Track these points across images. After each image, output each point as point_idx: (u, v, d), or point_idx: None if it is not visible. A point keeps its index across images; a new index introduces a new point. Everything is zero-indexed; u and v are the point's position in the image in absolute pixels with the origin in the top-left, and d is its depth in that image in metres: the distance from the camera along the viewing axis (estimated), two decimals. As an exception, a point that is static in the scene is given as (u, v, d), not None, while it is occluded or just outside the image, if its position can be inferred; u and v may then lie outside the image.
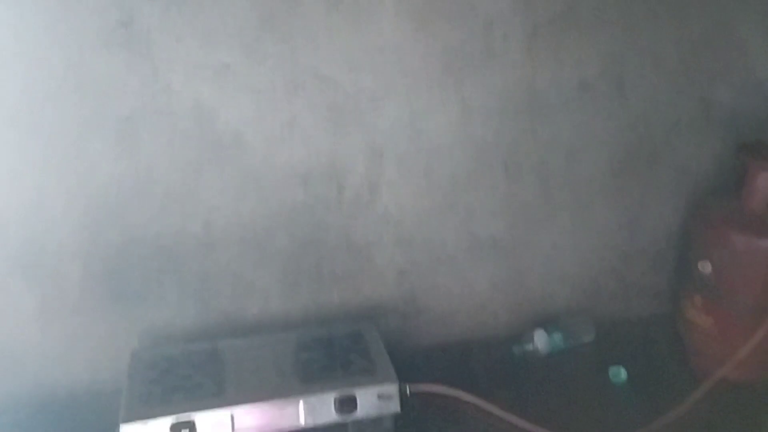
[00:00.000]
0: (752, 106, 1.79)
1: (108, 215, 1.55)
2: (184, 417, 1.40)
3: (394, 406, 1.50)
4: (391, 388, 1.50)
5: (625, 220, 1.87)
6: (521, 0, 1.58)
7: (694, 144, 1.80)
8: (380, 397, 1.49)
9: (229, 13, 1.46)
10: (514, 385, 1.71)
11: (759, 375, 1.69)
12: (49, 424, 1.57)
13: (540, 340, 1.82)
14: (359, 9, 1.52)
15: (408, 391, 1.53)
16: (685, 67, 1.72)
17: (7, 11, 1.36)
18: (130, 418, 1.38)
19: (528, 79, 1.63)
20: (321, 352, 1.60)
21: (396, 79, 1.58)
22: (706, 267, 1.66)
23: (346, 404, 1.47)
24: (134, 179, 1.54)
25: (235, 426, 1.43)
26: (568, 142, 1.74)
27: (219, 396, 1.46)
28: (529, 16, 1.59)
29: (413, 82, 1.59)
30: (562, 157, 1.76)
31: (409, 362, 1.70)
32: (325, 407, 1.47)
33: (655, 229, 1.89)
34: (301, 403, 1.45)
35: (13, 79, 1.41)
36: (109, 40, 1.42)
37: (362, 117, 1.60)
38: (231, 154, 1.56)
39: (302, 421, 1.46)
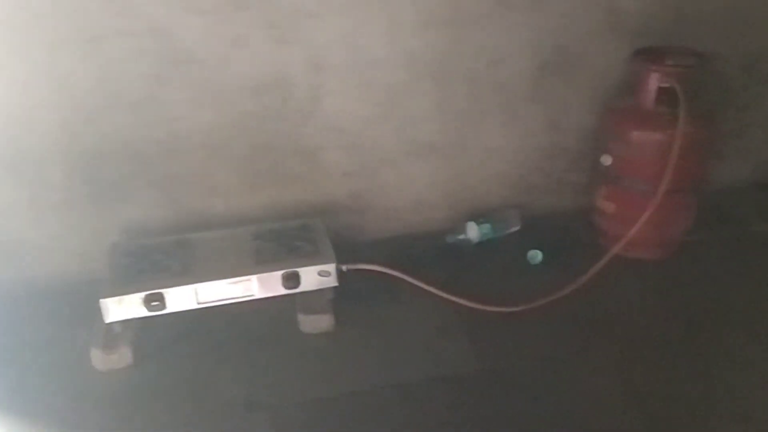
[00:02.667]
0: (657, 14, 1.96)
1: (83, 124, 1.78)
2: (155, 291, 1.68)
3: (333, 281, 1.78)
4: (330, 267, 1.77)
5: (548, 121, 2.08)
6: None
7: (606, 50, 1.99)
8: (320, 273, 1.77)
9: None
10: (443, 267, 1.98)
11: (651, 252, 1.96)
12: (44, 308, 1.85)
13: (471, 231, 2.08)
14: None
15: (344, 269, 1.80)
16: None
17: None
18: (109, 294, 1.67)
19: (447, -7, 1.83)
20: (274, 241, 1.86)
21: (330, -2, 1.78)
22: (607, 160, 1.89)
23: (291, 279, 1.75)
24: (103, 92, 1.76)
25: (199, 298, 1.71)
26: (491, 51, 1.94)
27: (185, 275, 1.73)
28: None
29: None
30: (487, 65, 1.96)
31: (356, 251, 1.97)
32: (273, 282, 1.75)
33: (575, 130, 2.10)
34: (254, 278, 1.73)
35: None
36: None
37: (301, 33, 1.80)
38: (187, 69, 1.78)
39: (255, 293, 1.75)
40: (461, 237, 2.07)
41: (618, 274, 1.87)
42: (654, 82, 1.78)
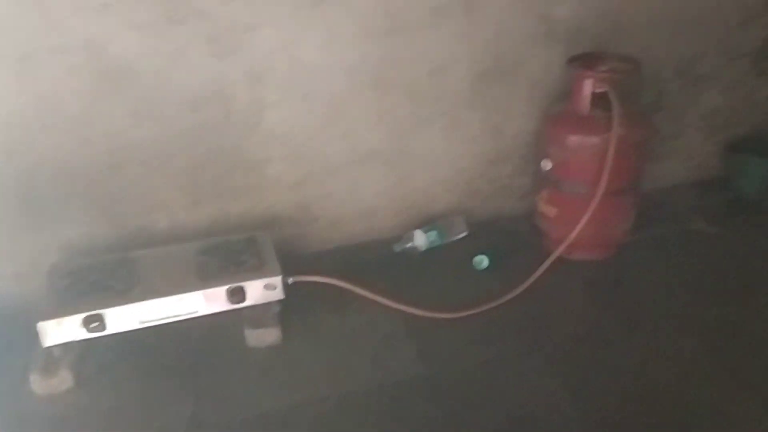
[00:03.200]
0: (591, 21, 2.01)
1: (17, 144, 1.74)
2: (94, 312, 1.64)
3: (279, 294, 1.77)
4: (275, 280, 1.76)
5: (490, 128, 2.11)
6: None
7: (543, 57, 2.04)
8: (266, 287, 1.76)
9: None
10: (391, 276, 1.98)
11: (593, 253, 2.00)
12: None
13: (418, 238, 2.09)
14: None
15: (290, 281, 1.80)
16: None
17: None
18: (47, 317, 1.62)
19: (383, 5, 1.84)
20: (218, 256, 1.84)
21: (267, 10, 1.77)
22: (547, 164, 1.93)
23: (237, 294, 1.73)
24: (37, 110, 1.72)
25: (141, 317, 1.68)
26: (431, 60, 1.96)
27: (126, 294, 1.70)
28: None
29: (283, 11, 1.79)
30: (426, 74, 1.98)
31: (303, 263, 1.97)
32: (218, 297, 1.73)
33: (517, 135, 2.14)
34: (198, 295, 1.71)
35: None
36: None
37: (240, 46, 1.79)
38: (124, 84, 1.76)
39: (200, 310, 1.72)
40: (408, 245, 2.08)
41: (561, 275, 1.91)
42: (588, 87, 1.82)
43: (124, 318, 1.67)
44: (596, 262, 2.01)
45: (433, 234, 2.10)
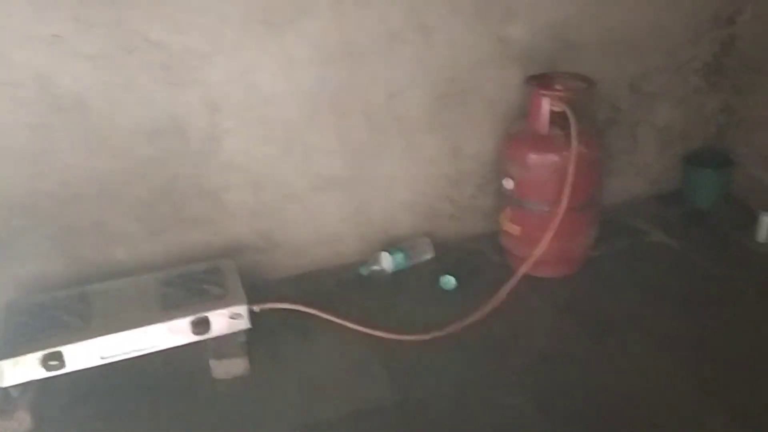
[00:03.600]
0: (544, 43, 2.05)
1: (-33, 180, 1.69)
2: (52, 350, 1.59)
3: (245, 323, 1.74)
4: (241, 308, 1.73)
5: (449, 149, 2.13)
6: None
7: (498, 78, 2.06)
8: (231, 316, 1.73)
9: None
10: (357, 300, 1.97)
11: (557, 269, 2.02)
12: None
13: (384, 261, 2.08)
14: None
15: (257, 310, 1.77)
16: (479, 12, 1.96)
17: None
18: (3, 356, 1.57)
19: (339, 31, 1.84)
20: (181, 286, 1.81)
21: (222, 38, 1.77)
22: (508, 183, 1.95)
23: (201, 325, 1.70)
24: (-14, 145, 1.68)
25: (101, 353, 1.64)
26: (388, 84, 1.97)
27: (85, 330, 1.65)
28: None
29: (238, 39, 1.78)
30: (384, 98, 1.99)
31: (268, 290, 1.94)
32: (182, 329, 1.69)
33: (477, 156, 2.16)
34: (160, 327, 1.67)
35: None
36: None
37: (194, 74, 1.78)
38: (76, 116, 1.72)
39: (163, 343, 1.68)
40: (375, 268, 2.07)
41: (527, 293, 1.92)
42: (546, 106, 1.85)
43: (83, 354, 1.62)
44: (561, 279, 2.03)
45: (399, 256, 2.09)
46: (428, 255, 2.16)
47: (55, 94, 1.68)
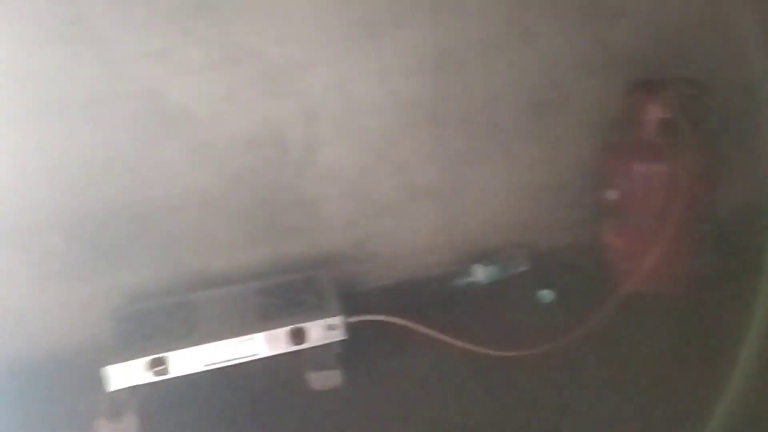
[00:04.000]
0: (652, 48, 1.96)
1: (82, 189, 1.77)
2: (158, 355, 1.64)
3: (340, 335, 1.74)
4: (336, 320, 1.73)
5: (547, 159, 2.06)
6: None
7: (600, 84, 1.98)
8: (327, 327, 1.73)
9: (166, 1, 1.65)
10: (452, 312, 1.94)
11: (664, 286, 1.91)
12: (46, 378, 1.80)
13: (478, 273, 2.04)
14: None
15: (352, 321, 1.76)
16: (584, 14, 1.89)
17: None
18: (112, 361, 1.63)
19: (437, 39, 1.82)
20: (278, 296, 1.83)
21: (320, 48, 1.78)
22: (612, 195, 1.87)
23: (297, 335, 1.71)
24: (100, 157, 1.75)
25: (204, 360, 1.67)
26: (485, 92, 1.93)
27: (189, 337, 1.69)
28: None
29: (336, 49, 1.79)
30: (481, 106, 1.95)
31: (363, 301, 1.93)
32: (279, 339, 1.70)
33: (574, 166, 2.08)
34: (259, 336, 1.69)
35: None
36: (63, 36, 1.62)
37: (294, 85, 1.80)
38: (181, 127, 1.78)
39: (261, 352, 1.70)
40: (469, 280, 2.03)
41: (631, 310, 1.82)
42: (654, 113, 1.76)
43: (187, 361, 1.65)
44: (666, 296, 1.92)
45: (493, 268, 2.05)
46: (523, 267, 2.10)
47: (163, 106, 1.74)
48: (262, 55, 1.75)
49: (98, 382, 1.61)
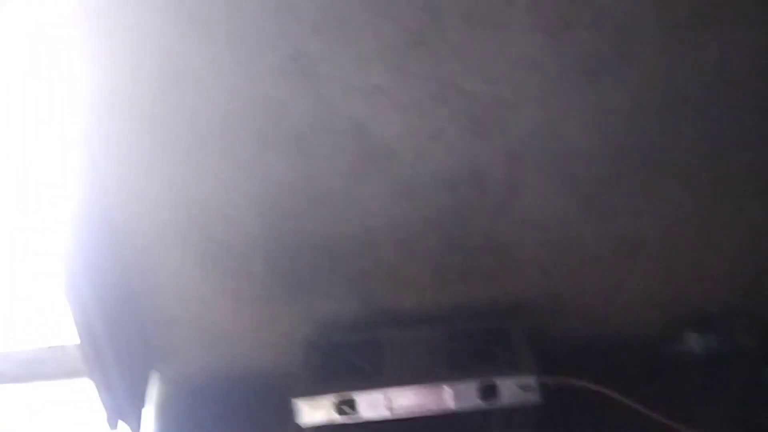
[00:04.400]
0: None
1: (284, 218, 1.81)
2: (346, 395, 1.61)
3: (534, 397, 1.60)
4: (530, 379, 1.60)
5: (780, 217, 1.79)
6: (653, 1, 1.61)
7: None
8: (521, 386, 1.60)
9: (380, 38, 1.65)
10: (662, 385, 1.73)
11: None
12: (236, 399, 1.87)
13: (692, 342, 1.81)
14: (495, 24, 1.63)
15: (548, 382, 1.62)
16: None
17: (208, 50, 1.65)
18: (302, 394, 1.63)
19: (665, 79, 1.65)
20: (468, 344, 1.74)
21: (531, 87, 1.68)
22: None
23: (488, 391, 1.60)
24: (304, 188, 1.78)
25: (390, 405, 1.62)
26: (712, 140, 1.72)
27: (377, 378, 1.66)
28: (663, 16, 1.60)
29: (548, 88, 1.68)
30: (703, 155, 1.74)
31: (555, 358, 1.78)
32: (469, 393, 1.61)
33: (816, 226, 1.79)
34: (447, 387, 1.61)
35: (205, 105, 1.69)
36: (283, 70, 1.67)
37: (501, 125, 1.71)
38: (384, 164, 1.76)
39: (450, 405, 1.61)
40: (681, 349, 1.81)
41: None
42: None
43: (373, 403, 1.61)
44: None
45: (711, 337, 1.80)
46: (749, 339, 1.83)
47: (368, 142, 1.73)
48: (471, 93, 1.68)
49: (287, 410, 1.62)
